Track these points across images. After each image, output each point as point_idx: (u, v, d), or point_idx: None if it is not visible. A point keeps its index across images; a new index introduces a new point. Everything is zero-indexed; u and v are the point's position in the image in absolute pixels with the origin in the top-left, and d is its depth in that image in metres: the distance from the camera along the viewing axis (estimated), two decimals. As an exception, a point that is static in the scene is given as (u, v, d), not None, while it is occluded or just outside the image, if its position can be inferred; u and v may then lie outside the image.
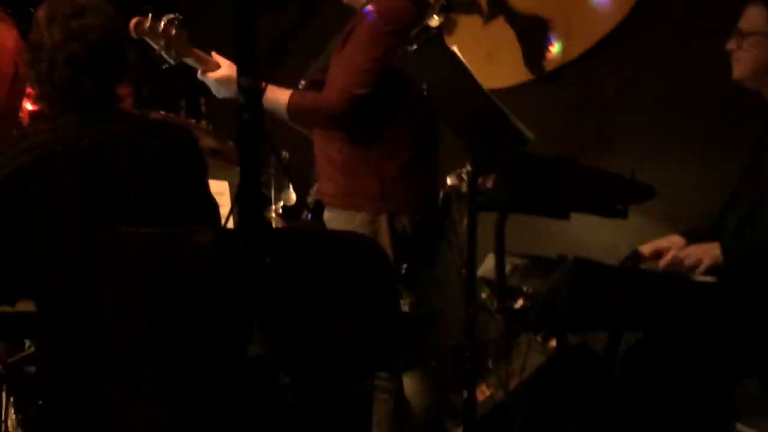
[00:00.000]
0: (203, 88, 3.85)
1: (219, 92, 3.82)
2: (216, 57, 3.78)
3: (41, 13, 2.84)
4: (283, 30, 2.29)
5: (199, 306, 2.54)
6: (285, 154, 4.43)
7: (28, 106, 4.90)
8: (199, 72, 3.78)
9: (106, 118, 2.83)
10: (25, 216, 2.75)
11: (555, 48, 5.20)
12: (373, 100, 3.70)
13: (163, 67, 3.64)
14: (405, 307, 3.62)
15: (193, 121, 4.49)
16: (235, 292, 2.47)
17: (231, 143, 4.26)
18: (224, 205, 3.71)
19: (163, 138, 2.86)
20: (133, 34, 3.49)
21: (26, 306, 2.94)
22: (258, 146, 2.20)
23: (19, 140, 2.81)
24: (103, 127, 2.81)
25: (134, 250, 2.53)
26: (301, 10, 2.29)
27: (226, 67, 3.77)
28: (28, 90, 4.96)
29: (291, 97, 3.75)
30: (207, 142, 4.15)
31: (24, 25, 3.65)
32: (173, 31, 3.58)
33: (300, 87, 3.87)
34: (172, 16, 3.57)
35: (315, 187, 3.95)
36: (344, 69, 3.73)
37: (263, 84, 2.18)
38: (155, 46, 3.59)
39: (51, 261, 2.78)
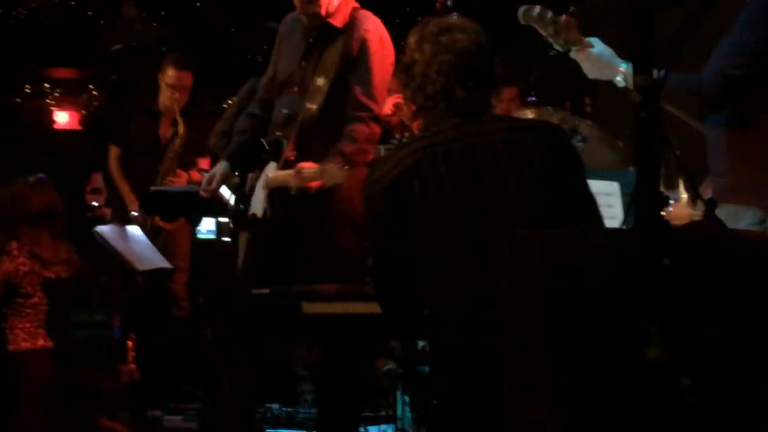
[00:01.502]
0: (589, 88, 3.82)
1: (590, 72, 3.74)
2: (592, 40, 3.72)
3: (411, 38, 3.00)
4: (681, 25, 2.24)
5: (595, 308, 2.53)
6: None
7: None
8: (574, 50, 3.73)
9: (479, 121, 2.91)
10: (412, 218, 2.84)
11: None
12: (757, 84, 3.52)
13: (550, 54, 3.62)
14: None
15: (579, 121, 4.48)
16: (633, 295, 2.44)
17: (619, 143, 4.21)
18: (614, 205, 3.67)
19: (536, 136, 2.88)
20: (521, 20, 3.52)
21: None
22: (655, 145, 2.16)
23: (399, 148, 2.93)
24: (477, 128, 2.88)
25: (530, 252, 2.56)
26: (701, 4, 2.23)
27: (601, 48, 3.69)
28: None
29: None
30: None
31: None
32: (562, 18, 3.56)
33: None
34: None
35: (704, 184, 3.82)
36: (723, 48, 3.56)
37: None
38: (543, 33, 3.60)
39: (438, 261, 2.85)
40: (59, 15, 8.76)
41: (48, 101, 9.62)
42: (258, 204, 4.30)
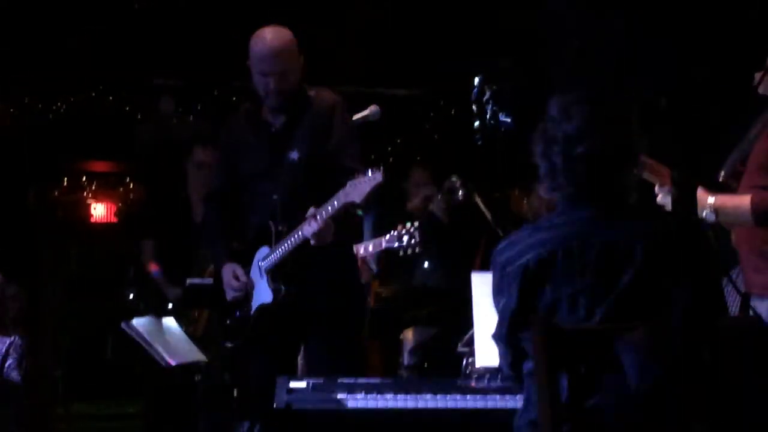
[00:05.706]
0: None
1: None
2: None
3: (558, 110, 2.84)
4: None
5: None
6: None
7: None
8: (656, 187, 3.74)
9: (618, 215, 2.81)
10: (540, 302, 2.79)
11: None
12: None
13: None
14: None
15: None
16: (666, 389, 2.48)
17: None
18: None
19: (677, 235, 2.81)
20: None
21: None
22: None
23: (531, 233, 2.83)
24: (616, 223, 2.78)
25: (561, 343, 2.60)
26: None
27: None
28: None
29: (752, 199, 3.64)
30: None
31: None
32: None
33: (720, 179, 3.77)
34: None
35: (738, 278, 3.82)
36: None
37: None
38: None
39: None
40: (97, 109, 8.87)
41: (85, 194, 9.75)
42: (263, 292, 4.32)
